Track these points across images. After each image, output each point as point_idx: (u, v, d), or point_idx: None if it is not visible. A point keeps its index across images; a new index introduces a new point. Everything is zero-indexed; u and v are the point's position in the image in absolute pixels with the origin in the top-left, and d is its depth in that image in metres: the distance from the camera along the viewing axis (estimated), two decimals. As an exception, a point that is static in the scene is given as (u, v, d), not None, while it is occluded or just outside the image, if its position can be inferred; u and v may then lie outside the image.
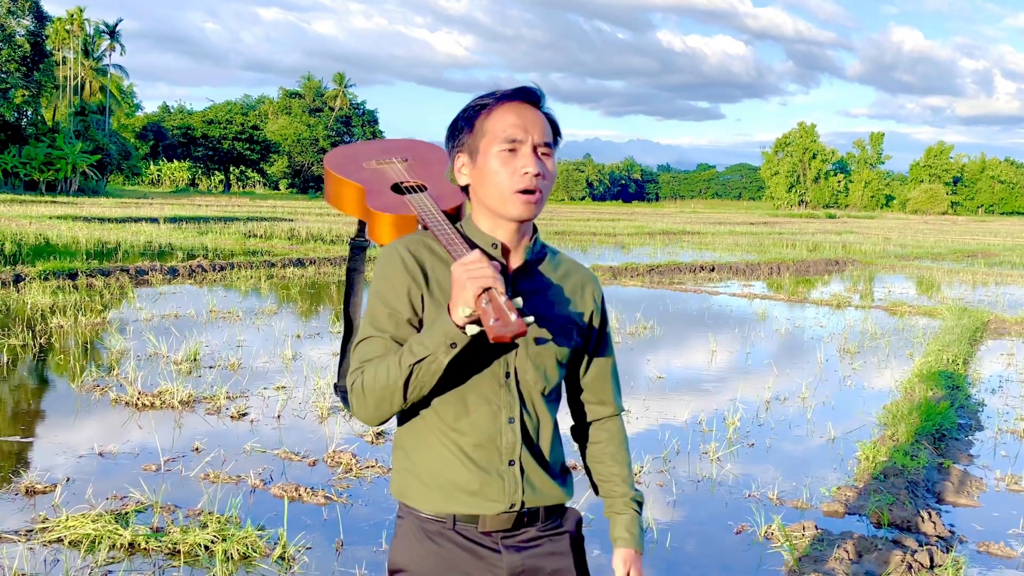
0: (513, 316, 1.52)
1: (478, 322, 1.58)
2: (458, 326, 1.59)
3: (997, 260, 28.01)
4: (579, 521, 1.91)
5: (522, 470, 1.78)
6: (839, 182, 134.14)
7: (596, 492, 1.99)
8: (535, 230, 1.86)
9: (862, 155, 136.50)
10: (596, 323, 1.92)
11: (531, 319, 1.57)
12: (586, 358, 1.93)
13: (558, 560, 1.83)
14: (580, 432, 2.01)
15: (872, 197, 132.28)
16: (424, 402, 1.76)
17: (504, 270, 1.79)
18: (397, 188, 2.07)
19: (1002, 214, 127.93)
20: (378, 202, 2.04)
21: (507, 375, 1.76)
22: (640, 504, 1.95)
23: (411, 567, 1.79)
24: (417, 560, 1.78)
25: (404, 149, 2.27)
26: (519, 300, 1.57)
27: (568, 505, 1.92)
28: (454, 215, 1.95)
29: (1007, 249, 34.17)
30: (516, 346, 1.76)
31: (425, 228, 1.85)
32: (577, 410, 1.99)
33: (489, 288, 1.55)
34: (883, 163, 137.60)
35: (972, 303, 15.44)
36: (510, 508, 1.77)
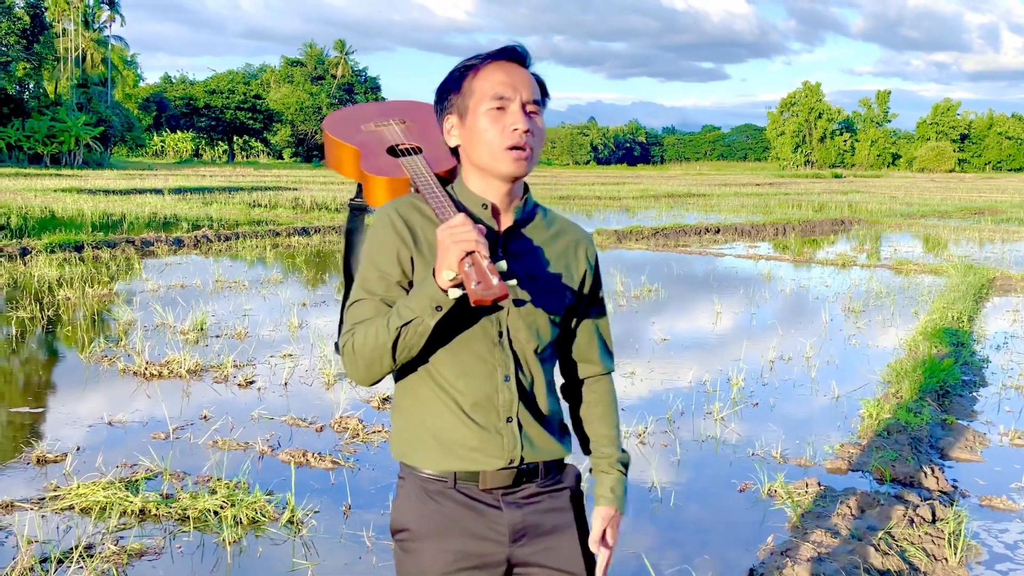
0: (495, 280, 1.53)
1: (461, 285, 1.59)
2: (442, 289, 1.61)
3: (1004, 217, 27.88)
4: (578, 476, 1.93)
5: (520, 426, 1.79)
6: (845, 141, 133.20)
7: (585, 451, 2.02)
8: (526, 189, 1.87)
9: (868, 113, 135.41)
10: (589, 282, 1.91)
11: (514, 282, 1.59)
12: (577, 317, 1.93)
13: (558, 516, 1.85)
14: (570, 391, 2.02)
15: (878, 156, 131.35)
16: (421, 362, 1.78)
17: (494, 231, 1.80)
18: (393, 151, 2.08)
19: (1010, 171, 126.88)
20: (373, 165, 2.05)
21: (500, 334, 1.77)
22: (626, 466, 1.97)
23: (413, 526, 1.80)
24: (419, 519, 1.79)
25: (403, 111, 2.27)
26: (503, 263, 1.58)
27: (567, 461, 1.94)
28: (447, 178, 1.95)
29: (1014, 206, 33.98)
30: (501, 307, 1.77)
31: (417, 191, 1.86)
32: (567, 369, 1.99)
33: (473, 252, 1.57)
34: (889, 121, 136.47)
35: (978, 260, 15.40)
36: (509, 464, 1.78)
